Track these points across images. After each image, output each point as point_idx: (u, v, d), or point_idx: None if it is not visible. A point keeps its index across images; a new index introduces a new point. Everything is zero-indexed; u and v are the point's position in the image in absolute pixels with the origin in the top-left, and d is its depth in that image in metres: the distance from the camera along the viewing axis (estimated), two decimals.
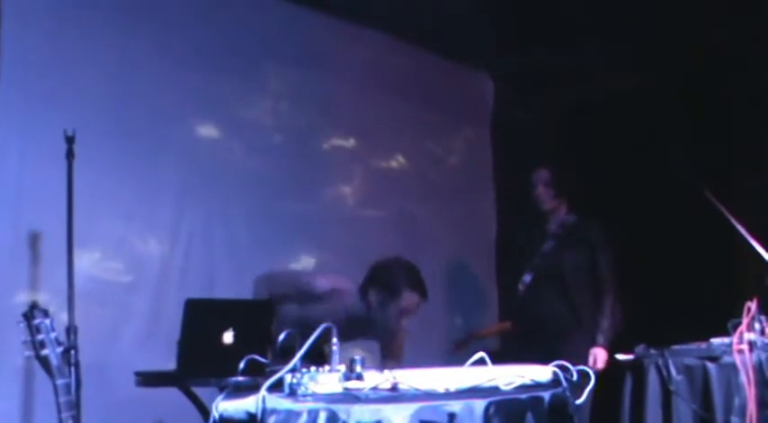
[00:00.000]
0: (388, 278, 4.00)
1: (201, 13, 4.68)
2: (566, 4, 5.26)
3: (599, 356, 4.57)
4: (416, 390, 2.43)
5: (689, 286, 5.37)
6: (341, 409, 2.26)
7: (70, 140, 3.50)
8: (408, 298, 3.98)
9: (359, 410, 2.25)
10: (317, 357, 2.63)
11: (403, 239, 5.69)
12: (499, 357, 4.53)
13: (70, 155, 3.50)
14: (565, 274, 4.81)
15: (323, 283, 3.98)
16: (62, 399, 2.84)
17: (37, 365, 2.90)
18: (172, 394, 3.51)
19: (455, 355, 5.51)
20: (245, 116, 4.85)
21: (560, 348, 4.50)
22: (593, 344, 4.63)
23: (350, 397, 2.37)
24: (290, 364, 2.45)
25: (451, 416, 2.24)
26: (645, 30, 5.49)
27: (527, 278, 4.94)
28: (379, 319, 3.99)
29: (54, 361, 2.85)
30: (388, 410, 2.25)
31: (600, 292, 4.74)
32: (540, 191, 4.91)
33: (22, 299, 3.76)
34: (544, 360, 2.71)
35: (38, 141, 3.90)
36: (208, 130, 4.67)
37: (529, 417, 2.36)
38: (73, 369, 3.22)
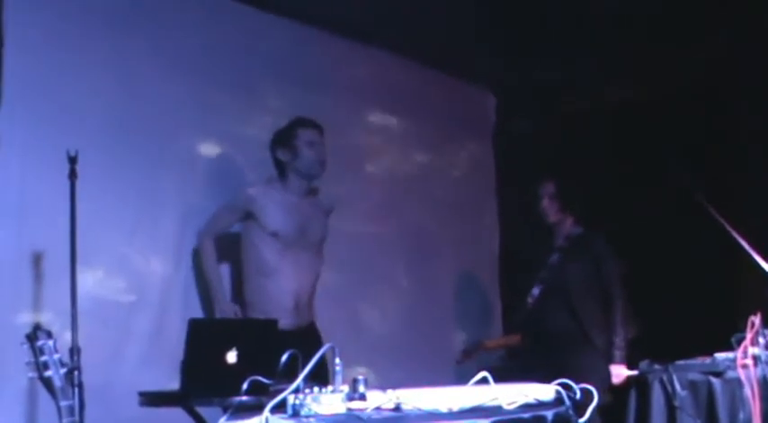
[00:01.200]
0: (280, 133, 4.44)
1: (203, 31, 4.69)
2: (564, 19, 5.27)
3: (618, 373, 4.58)
4: (419, 410, 2.43)
5: (692, 301, 5.36)
6: None
7: (73, 161, 3.50)
8: (305, 134, 4.39)
9: None
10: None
11: (407, 253, 5.70)
12: (507, 371, 4.58)
13: (73, 175, 3.50)
14: (570, 287, 4.82)
15: None
16: (66, 420, 2.85)
17: (40, 387, 2.90)
18: (176, 414, 3.51)
19: (462, 366, 5.52)
20: (247, 133, 4.85)
21: (568, 362, 4.53)
22: (611, 361, 4.64)
23: (353, 418, 2.36)
24: (294, 385, 2.45)
25: None
26: (642, 41, 5.50)
27: (536, 291, 4.95)
28: (298, 165, 4.38)
29: (57, 382, 2.85)
30: None
31: (607, 305, 4.75)
32: (545, 204, 4.92)
33: (25, 319, 3.76)
34: (552, 374, 2.71)
35: (40, 160, 3.90)
36: (209, 148, 4.67)
37: None
38: (76, 390, 3.20)
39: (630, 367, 4.00)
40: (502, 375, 2.83)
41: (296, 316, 4.31)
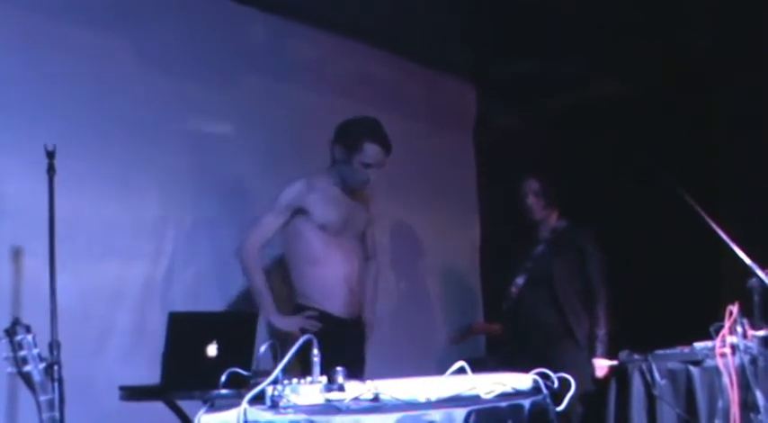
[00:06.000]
0: (348, 134, 4.33)
1: (180, 25, 4.67)
2: (548, 13, 5.28)
3: (601, 366, 4.60)
4: (397, 400, 2.44)
5: (671, 291, 5.39)
6: (321, 420, 2.27)
7: (51, 155, 3.50)
8: (370, 149, 4.28)
9: (339, 421, 2.26)
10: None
11: (390, 244, 5.70)
12: (488, 363, 4.60)
13: (51, 170, 3.50)
14: (555, 279, 4.84)
15: None
16: (45, 415, 2.83)
17: (20, 382, 2.89)
18: (156, 408, 3.51)
19: (447, 354, 5.56)
20: (227, 128, 4.85)
21: (550, 353, 4.56)
22: (593, 354, 4.67)
23: (331, 408, 2.37)
24: (272, 377, 2.45)
25: None
26: (627, 37, 5.52)
27: (520, 280, 4.96)
28: (345, 172, 4.34)
29: (37, 377, 2.83)
30: (369, 421, 2.25)
31: (591, 299, 4.77)
32: (531, 201, 4.94)
33: (4, 314, 3.75)
34: (534, 365, 2.72)
35: (18, 156, 3.88)
36: (190, 143, 4.66)
37: None
38: (56, 385, 3.21)
39: (612, 359, 4.03)
40: (483, 367, 2.84)
41: (350, 303, 4.38)
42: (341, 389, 2.47)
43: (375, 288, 4.73)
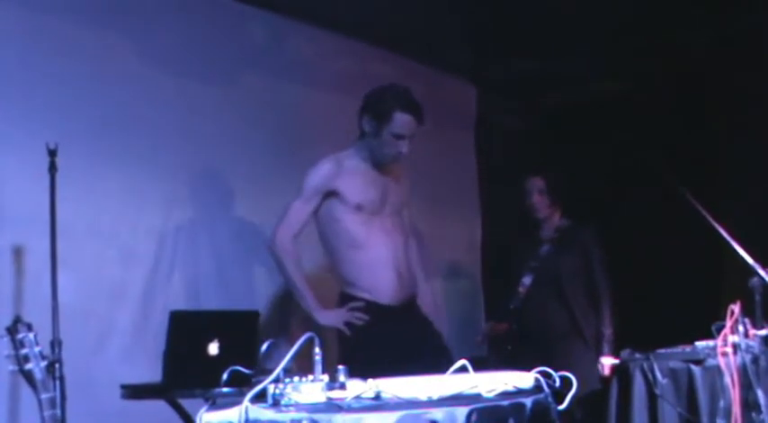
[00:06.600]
0: (377, 103, 3.98)
1: (181, 24, 4.68)
2: (548, 13, 5.28)
3: (607, 365, 4.62)
4: (399, 398, 2.43)
5: (672, 290, 5.40)
6: (323, 418, 2.26)
7: (52, 153, 3.50)
8: (400, 119, 3.94)
9: (341, 419, 2.25)
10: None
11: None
12: (495, 361, 4.61)
13: (53, 168, 3.50)
14: (562, 278, 4.85)
15: None
16: (47, 413, 2.85)
17: (22, 380, 2.89)
18: (158, 407, 3.52)
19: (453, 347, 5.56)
20: (227, 126, 4.84)
21: (558, 352, 4.58)
22: (600, 353, 4.68)
23: (332, 406, 2.37)
24: (274, 375, 2.45)
25: None
26: (627, 37, 5.52)
27: (527, 280, 4.96)
28: (374, 145, 3.99)
29: (38, 375, 2.85)
30: (370, 419, 2.24)
31: (596, 297, 4.78)
32: (536, 199, 4.94)
33: (6, 313, 3.75)
34: (543, 363, 2.72)
35: (20, 155, 3.89)
36: (191, 141, 4.66)
37: None
38: (57, 383, 3.21)
39: (617, 357, 4.04)
40: (484, 365, 2.84)
41: (400, 287, 4.04)
42: (342, 387, 2.47)
43: (420, 268, 4.35)
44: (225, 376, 2.76)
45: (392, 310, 3.99)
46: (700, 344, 3.48)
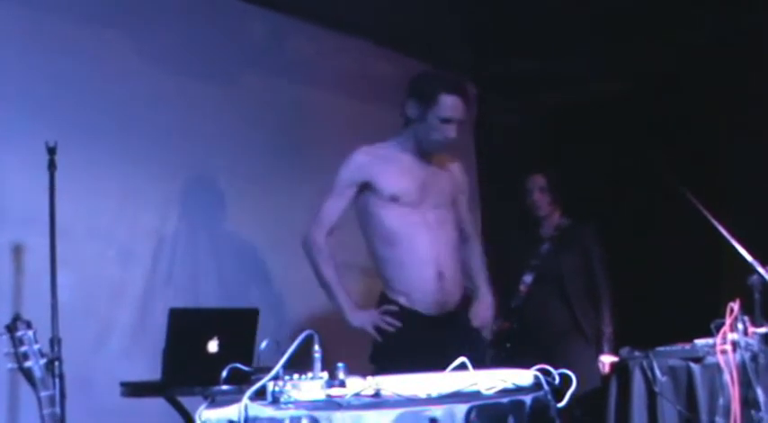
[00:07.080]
0: (422, 86, 3.74)
1: (181, 21, 4.68)
2: (548, 13, 5.28)
3: (607, 363, 4.65)
4: (398, 396, 2.43)
5: (672, 288, 5.40)
6: (322, 415, 2.26)
7: (52, 151, 3.51)
8: (447, 102, 3.68)
9: (340, 417, 2.25)
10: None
11: None
12: (496, 359, 4.61)
13: (52, 166, 3.51)
14: (563, 277, 4.86)
15: None
16: (46, 411, 2.84)
17: (21, 378, 2.89)
18: (158, 404, 3.51)
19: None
20: (227, 125, 4.84)
21: (559, 350, 4.59)
22: (600, 351, 4.70)
23: (332, 404, 2.36)
24: (273, 372, 2.45)
25: (433, 421, 2.24)
26: (627, 37, 5.52)
27: (528, 279, 4.97)
28: (420, 131, 3.74)
29: (38, 373, 2.84)
30: (370, 417, 2.24)
31: (596, 296, 4.80)
32: (537, 197, 4.96)
33: (5, 310, 3.75)
34: (544, 361, 2.72)
35: (18, 153, 3.89)
36: (189, 140, 4.66)
37: (510, 420, 2.36)
38: (57, 381, 3.21)
39: (615, 355, 4.05)
40: (484, 363, 2.85)
41: (440, 291, 3.69)
42: (342, 385, 2.47)
43: (484, 274, 4.00)
44: (224, 374, 2.77)
45: (430, 320, 3.68)
46: (699, 342, 3.48)
